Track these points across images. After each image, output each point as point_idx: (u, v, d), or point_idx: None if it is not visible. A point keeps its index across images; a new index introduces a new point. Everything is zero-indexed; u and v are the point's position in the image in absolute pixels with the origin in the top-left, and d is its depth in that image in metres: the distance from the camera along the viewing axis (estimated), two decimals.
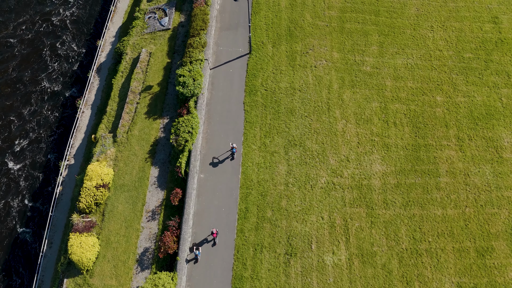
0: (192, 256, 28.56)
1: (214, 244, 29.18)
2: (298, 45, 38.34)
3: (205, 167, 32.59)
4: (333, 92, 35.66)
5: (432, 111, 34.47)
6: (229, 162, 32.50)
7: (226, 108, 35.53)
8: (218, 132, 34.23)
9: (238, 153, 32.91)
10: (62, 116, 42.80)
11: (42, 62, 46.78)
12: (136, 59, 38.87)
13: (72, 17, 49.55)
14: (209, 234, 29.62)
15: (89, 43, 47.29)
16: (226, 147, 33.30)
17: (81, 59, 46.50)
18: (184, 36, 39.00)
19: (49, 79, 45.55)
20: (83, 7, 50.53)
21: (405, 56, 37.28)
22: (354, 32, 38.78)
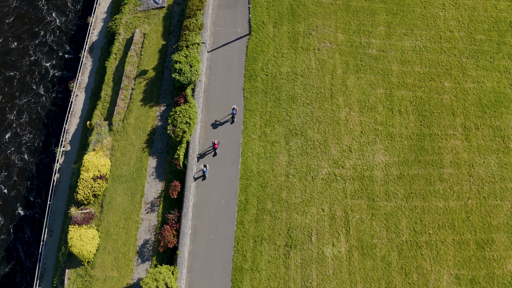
0: (200, 174, 32.04)
1: (215, 155, 32.49)
2: (301, 26, 38.10)
3: (204, 158, 33.51)
4: (337, 78, 35.91)
5: (439, 98, 34.87)
6: (228, 153, 33.36)
7: (225, 95, 35.94)
8: (217, 120, 34.81)
9: (237, 143, 33.70)
10: (54, 101, 43.29)
11: (31, 40, 46.58)
12: (130, 40, 38.79)
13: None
14: (210, 146, 33.12)
15: (79, 19, 46.82)
16: (225, 137, 34.06)
17: (72, 38, 46.28)
18: (180, 15, 38.68)
19: (39, 60, 45.56)
20: None
21: (414, 38, 37.14)
22: (360, 11, 38.38)
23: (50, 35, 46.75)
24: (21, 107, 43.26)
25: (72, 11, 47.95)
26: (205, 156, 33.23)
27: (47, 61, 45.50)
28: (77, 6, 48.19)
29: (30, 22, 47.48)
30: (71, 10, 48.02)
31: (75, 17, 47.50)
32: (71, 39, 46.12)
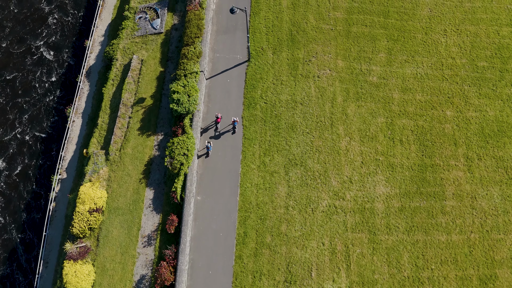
0: (204, 152, 34.97)
1: (216, 129, 35.71)
2: (301, 52, 38.89)
3: (203, 188, 34.13)
4: (337, 106, 36.61)
5: (441, 127, 35.53)
6: (227, 184, 33.95)
7: (224, 122, 36.58)
8: (215, 149, 35.49)
9: (236, 173, 34.31)
10: (51, 125, 43.99)
11: (27, 64, 47.40)
12: (127, 66, 39.56)
13: (57, 14, 49.56)
14: (213, 120, 36.04)
15: (76, 43, 47.70)
16: (224, 167, 34.69)
17: (69, 61, 47.11)
18: (178, 41, 39.50)
19: (35, 84, 46.33)
20: (67, 4, 50.33)
21: (415, 65, 37.90)
22: (361, 37, 39.19)
23: (47, 58, 47.55)
24: (16, 132, 43.93)
25: (69, 34, 48.79)
26: (207, 130, 36.34)
27: (43, 85, 46.26)
28: (75, 29, 49.02)
29: (26, 45, 48.31)
30: (69, 33, 48.85)
31: (72, 40, 48.34)
32: (68, 63, 46.90)
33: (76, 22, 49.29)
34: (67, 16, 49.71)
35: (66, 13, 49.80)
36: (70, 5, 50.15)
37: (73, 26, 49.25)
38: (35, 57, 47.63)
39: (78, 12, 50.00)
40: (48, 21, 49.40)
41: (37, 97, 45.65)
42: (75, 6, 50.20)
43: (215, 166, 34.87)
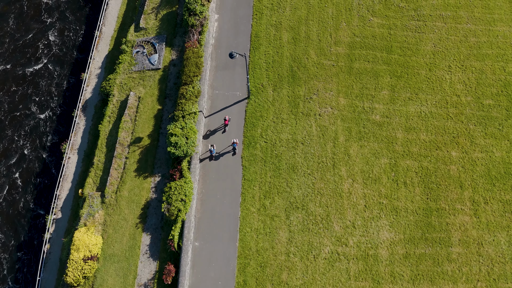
0: (207, 155, 36.62)
1: (224, 131, 37.35)
2: (301, 89, 39.00)
3: (201, 233, 34.03)
4: (339, 146, 36.61)
5: (446, 169, 35.48)
6: (226, 228, 33.87)
7: (223, 162, 36.63)
8: (214, 191, 35.47)
9: (235, 216, 34.23)
10: (46, 161, 44.01)
11: (21, 99, 47.52)
12: (124, 103, 39.68)
13: (52, 45, 49.83)
14: (222, 124, 37.94)
15: (72, 75, 47.89)
16: (222, 211, 34.62)
17: (65, 95, 47.26)
18: (176, 78, 39.65)
19: (29, 119, 46.41)
20: (64, 33, 50.60)
21: (419, 103, 37.96)
22: (363, 73, 39.31)
23: (42, 91, 47.71)
24: (10, 168, 43.94)
25: (65, 66, 48.93)
26: (215, 133, 37.81)
27: (38, 119, 46.34)
28: (71, 60, 49.16)
29: (20, 75, 48.51)
30: (65, 64, 48.98)
31: (68, 72, 48.52)
32: (64, 96, 47.10)
33: (72, 53, 49.51)
34: (62, 48, 49.95)
35: (62, 44, 50.04)
36: (66, 36, 50.43)
37: (69, 57, 49.48)
38: (29, 90, 47.77)
39: (74, 42, 50.24)
40: (44, 51, 49.64)
41: (31, 132, 45.70)
42: (71, 36, 50.48)
43: (214, 210, 34.80)
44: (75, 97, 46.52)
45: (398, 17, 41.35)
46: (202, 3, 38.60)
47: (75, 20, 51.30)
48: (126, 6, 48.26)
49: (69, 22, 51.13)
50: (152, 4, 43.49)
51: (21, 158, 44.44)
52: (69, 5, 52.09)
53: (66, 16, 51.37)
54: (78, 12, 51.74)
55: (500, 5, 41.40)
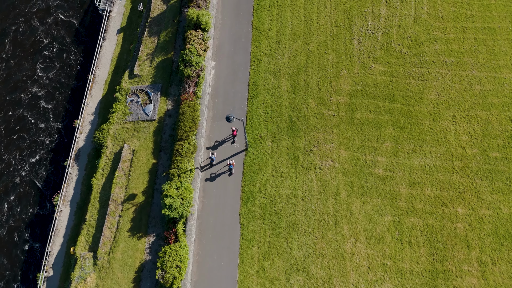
0: (207, 162, 38.47)
1: (233, 142, 39.06)
2: (301, 140, 38.89)
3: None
4: (341, 202, 36.37)
5: (452, 227, 35.21)
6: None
7: (220, 220, 36.40)
8: (211, 252, 35.17)
9: (233, 280, 33.87)
10: (37, 213, 43.74)
11: (11, 147, 47.36)
12: (118, 155, 39.55)
13: (43, 89, 49.85)
14: (230, 135, 39.66)
15: (65, 122, 47.85)
16: (220, 274, 34.25)
17: (57, 142, 47.14)
18: (172, 129, 39.58)
19: (19, 169, 46.17)
20: (56, 77, 50.62)
21: (423, 155, 37.82)
22: (365, 124, 39.24)
23: (32, 138, 47.56)
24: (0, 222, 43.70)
25: (57, 112, 48.78)
26: (223, 143, 39.56)
27: (28, 168, 46.16)
28: (63, 105, 49.00)
29: (13, 121, 48.43)
30: (56, 110, 48.85)
31: (61, 119, 48.43)
32: (56, 144, 46.99)
33: (65, 97, 49.42)
34: (54, 92, 49.87)
35: (54, 88, 49.91)
36: (59, 79, 50.37)
37: (62, 102, 49.38)
38: (19, 137, 47.65)
39: (67, 86, 50.06)
40: (35, 95, 49.61)
41: (20, 181, 45.47)
42: (64, 80, 50.42)
43: (211, 272, 34.45)
44: (67, 145, 46.41)
45: (400, 63, 41.42)
46: (198, 54, 38.68)
47: (68, 62, 51.37)
48: (121, 48, 48.43)
49: (62, 65, 51.21)
50: (147, 50, 43.61)
51: (10, 210, 44.11)
52: (62, 47, 52.23)
53: (59, 59, 51.49)
54: (72, 54, 51.84)
55: (506, 51, 41.50)
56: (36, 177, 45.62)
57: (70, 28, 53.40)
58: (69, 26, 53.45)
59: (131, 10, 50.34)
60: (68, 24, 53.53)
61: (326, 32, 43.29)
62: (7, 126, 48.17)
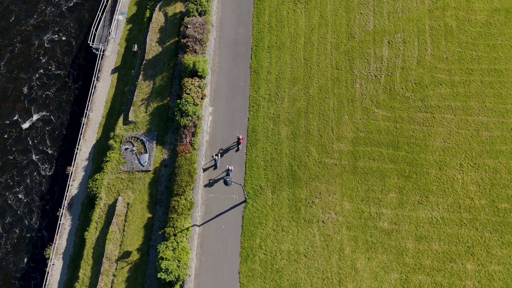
0: (212, 163, 40.13)
1: (237, 150, 40.51)
2: (303, 191, 38.45)
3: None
4: (345, 259, 35.83)
5: (461, 285, 34.66)
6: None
7: (219, 279, 35.90)
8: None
9: None
10: (27, 266, 43.12)
11: (6, 190, 46.89)
12: (112, 207, 39.12)
13: (36, 133, 49.48)
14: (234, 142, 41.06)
15: (57, 168, 47.43)
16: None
17: (49, 190, 46.64)
18: (168, 180, 39.18)
19: (8, 220, 45.56)
20: (48, 119, 50.19)
21: (430, 207, 37.35)
22: (368, 173, 38.82)
23: (23, 186, 47.02)
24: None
25: (49, 157, 48.38)
26: (228, 151, 40.80)
27: (20, 217, 45.63)
28: (56, 150, 48.54)
29: (6, 172, 47.99)
30: (48, 155, 48.45)
31: (53, 165, 47.99)
32: (48, 191, 46.50)
33: (57, 142, 49.01)
34: (45, 137, 49.49)
35: (47, 133, 49.59)
36: (51, 122, 49.90)
37: (54, 147, 49.00)
38: (11, 182, 47.16)
39: (60, 130, 49.59)
40: (25, 139, 49.20)
41: (10, 232, 44.86)
42: (56, 124, 50.00)
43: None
44: (60, 192, 45.89)
45: (404, 108, 41.12)
46: (195, 103, 38.40)
47: (61, 104, 50.93)
48: (115, 89, 48.23)
49: (54, 107, 50.76)
50: (142, 94, 43.35)
51: (1, 264, 43.47)
52: (54, 89, 51.81)
53: (51, 101, 51.17)
54: (64, 96, 51.43)
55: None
56: (28, 228, 45.03)
57: (63, 68, 53.07)
58: (62, 67, 53.10)
59: (125, 49, 50.21)
60: (61, 65, 53.19)
61: (326, 75, 43.05)
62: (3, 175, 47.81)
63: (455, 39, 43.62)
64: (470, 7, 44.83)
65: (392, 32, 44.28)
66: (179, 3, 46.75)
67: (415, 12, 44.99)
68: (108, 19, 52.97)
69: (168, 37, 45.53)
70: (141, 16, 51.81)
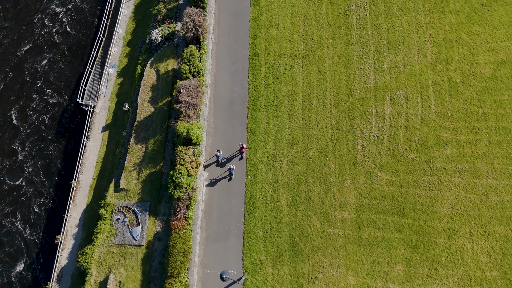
0: (214, 159, 42.25)
1: (241, 158, 42.29)
2: (305, 265, 37.65)
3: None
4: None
5: None
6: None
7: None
8: None
9: None
10: None
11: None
12: (103, 286, 38.31)
13: (22, 199, 48.55)
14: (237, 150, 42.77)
15: (45, 237, 46.50)
16: None
17: (36, 259, 45.63)
18: (162, 256, 38.48)
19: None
20: (35, 183, 49.54)
21: (439, 281, 36.57)
22: (374, 244, 38.06)
23: (8, 258, 45.82)
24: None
25: (37, 226, 47.44)
26: (232, 159, 42.39)
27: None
28: (44, 218, 47.54)
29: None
30: (37, 224, 47.48)
31: (41, 233, 46.98)
32: (36, 262, 45.48)
33: (45, 208, 48.08)
34: (32, 205, 48.53)
35: (33, 199, 48.71)
36: (38, 185, 49.14)
37: (43, 215, 48.05)
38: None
39: (49, 194, 48.83)
40: (12, 207, 48.25)
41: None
42: (44, 181, 49.23)
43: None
44: (49, 262, 44.85)
45: (409, 171, 40.47)
46: (189, 174, 37.73)
47: (49, 165, 49.98)
48: (106, 148, 47.69)
49: (41, 168, 49.83)
50: (134, 159, 42.70)
51: None
52: (41, 150, 50.86)
53: (38, 162, 50.37)
54: (53, 157, 50.54)
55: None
56: None
57: (51, 127, 52.04)
58: (50, 125, 52.14)
59: (116, 105, 49.71)
60: (49, 123, 52.27)
61: (326, 136, 42.46)
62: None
63: (460, 95, 43.20)
64: (475, 60, 44.49)
65: (394, 88, 43.84)
66: (171, 59, 46.32)
67: (417, 66, 44.62)
68: (98, 72, 52.59)
69: (161, 97, 45.04)
70: (132, 69, 51.42)
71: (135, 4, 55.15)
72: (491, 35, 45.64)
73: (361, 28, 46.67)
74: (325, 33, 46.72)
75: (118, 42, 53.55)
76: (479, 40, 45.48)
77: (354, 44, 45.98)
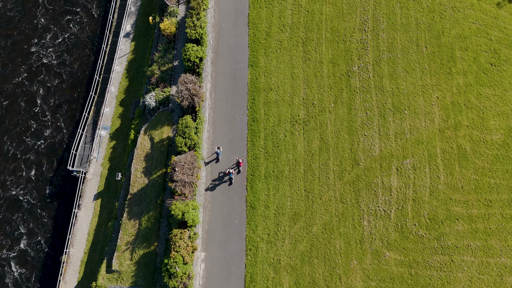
0: (214, 157, 44.10)
1: (239, 172, 43.60)
2: None
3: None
4: None
5: None
6: None
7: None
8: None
9: None
10: None
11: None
12: None
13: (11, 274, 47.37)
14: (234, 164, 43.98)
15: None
16: None
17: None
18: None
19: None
20: (24, 259, 48.26)
21: None
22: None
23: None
24: None
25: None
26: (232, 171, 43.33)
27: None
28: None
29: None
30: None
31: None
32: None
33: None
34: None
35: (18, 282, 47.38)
36: (24, 261, 47.96)
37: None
38: None
39: (35, 273, 47.57)
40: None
41: None
42: (30, 256, 48.02)
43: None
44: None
45: (418, 249, 39.34)
46: (184, 261, 36.74)
47: (37, 238, 48.90)
48: (98, 218, 46.78)
49: (31, 243, 48.64)
50: (127, 237, 41.61)
51: None
52: (28, 220, 49.82)
53: (24, 235, 49.02)
54: (40, 229, 49.47)
55: None
56: None
57: (39, 197, 50.99)
58: (38, 195, 51.02)
59: (109, 170, 48.79)
60: (37, 192, 51.16)
61: (330, 210, 41.38)
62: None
63: (470, 164, 42.21)
64: (485, 125, 43.58)
65: (400, 157, 42.85)
66: (166, 127, 45.46)
67: (424, 132, 43.68)
68: (90, 134, 51.72)
69: (155, 168, 44.11)
70: (125, 131, 50.60)
71: (128, 61, 54.48)
72: (501, 97, 44.82)
73: (365, 91, 45.85)
74: (326, 97, 45.89)
75: (110, 102, 52.78)
76: (488, 103, 44.64)
77: (358, 109, 45.14)
